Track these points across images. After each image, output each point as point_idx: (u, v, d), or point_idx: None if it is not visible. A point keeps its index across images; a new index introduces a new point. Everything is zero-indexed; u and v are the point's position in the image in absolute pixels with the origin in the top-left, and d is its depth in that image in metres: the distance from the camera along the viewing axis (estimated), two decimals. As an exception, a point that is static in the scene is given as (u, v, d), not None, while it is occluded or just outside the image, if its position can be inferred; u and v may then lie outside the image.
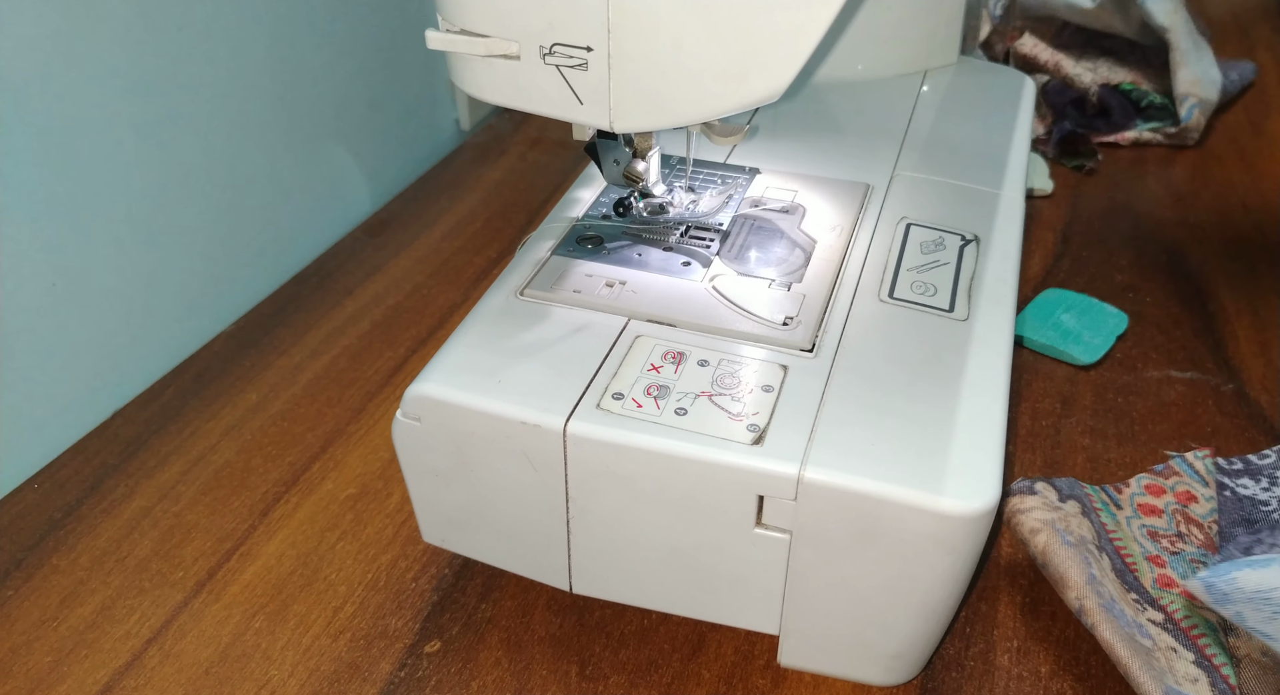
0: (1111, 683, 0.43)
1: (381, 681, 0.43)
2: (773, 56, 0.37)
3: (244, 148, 0.66)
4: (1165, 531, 0.47)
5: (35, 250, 0.53)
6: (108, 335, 0.58)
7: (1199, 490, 0.49)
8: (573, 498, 0.39)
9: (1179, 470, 0.50)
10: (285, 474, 0.54)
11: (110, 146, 0.56)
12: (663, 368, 0.40)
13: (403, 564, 0.48)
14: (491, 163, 0.84)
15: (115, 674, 0.43)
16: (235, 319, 0.66)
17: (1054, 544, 0.43)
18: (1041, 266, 0.69)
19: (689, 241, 0.47)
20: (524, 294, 0.44)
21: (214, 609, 0.46)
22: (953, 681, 0.43)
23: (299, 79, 0.69)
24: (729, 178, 0.52)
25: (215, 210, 0.64)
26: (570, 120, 0.41)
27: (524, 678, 0.43)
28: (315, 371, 0.61)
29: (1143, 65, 0.90)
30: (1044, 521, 0.44)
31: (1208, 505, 0.48)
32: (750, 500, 0.37)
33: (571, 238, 0.48)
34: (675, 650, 0.44)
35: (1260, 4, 1.15)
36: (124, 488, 0.53)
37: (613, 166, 0.48)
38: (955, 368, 0.40)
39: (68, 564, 0.49)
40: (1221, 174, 0.81)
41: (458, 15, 0.39)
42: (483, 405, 0.39)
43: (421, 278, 0.69)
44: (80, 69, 0.53)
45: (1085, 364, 0.59)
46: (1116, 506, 0.48)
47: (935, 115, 0.59)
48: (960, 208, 0.50)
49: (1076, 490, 0.47)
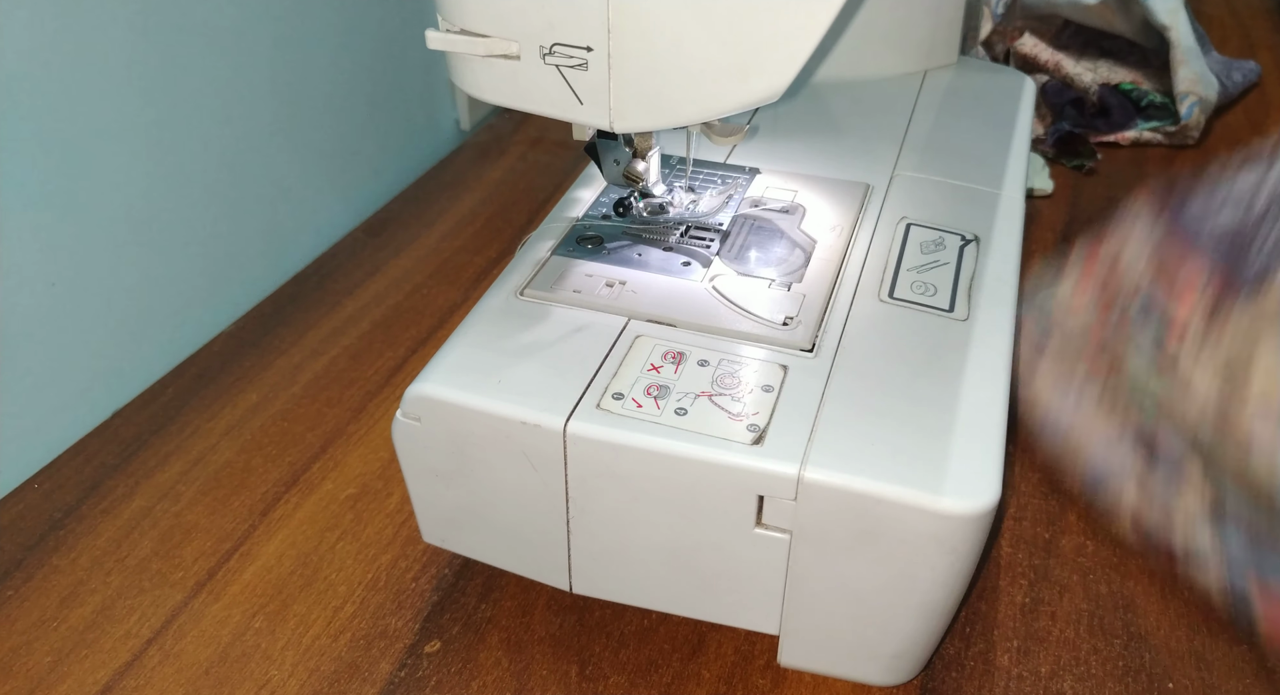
0: (1111, 683, 0.43)
1: (381, 681, 0.43)
2: (773, 56, 0.37)
3: (244, 147, 0.66)
4: None
5: (35, 250, 0.53)
6: (108, 335, 0.58)
7: None
8: (573, 498, 0.39)
9: None
10: (285, 474, 0.54)
11: (110, 146, 0.56)
12: (663, 368, 0.40)
13: (403, 564, 0.48)
14: (491, 163, 0.84)
15: (115, 674, 0.43)
16: (235, 319, 0.66)
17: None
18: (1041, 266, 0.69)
19: (689, 241, 0.47)
20: (524, 294, 0.44)
21: (214, 609, 0.46)
22: (953, 681, 0.43)
23: (299, 79, 0.69)
24: (729, 178, 0.52)
25: (215, 210, 0.64)
26: (570, 120, 0.41)
27: (524, 678, 0.43)
28: (315, 371, 0.61)
29: (1143, 65, 0.90)
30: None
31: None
32: (750, 500, 0.37)
33: (571, 238, 0.48)
34: (675, 650, 0.44)
35: (1260, 4, 1.15)
36: (124, 488, 0.53)
37: (613, 166, 0.48)
38: (955, 368, 0.40)
39: (68, 564, 0.49)
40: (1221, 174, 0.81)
41: (458, 15, 0.39)
42: (483, 405, 0.39)
43: (421, 278, 0.70)
44: (80, 69, 0.53)
45: None
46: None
47: (935, 115, 0.59)
48: (960, 208, 0.50)
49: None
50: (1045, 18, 0.97)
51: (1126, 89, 0.86)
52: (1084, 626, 0.45)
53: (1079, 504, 0.51)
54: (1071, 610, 0.46)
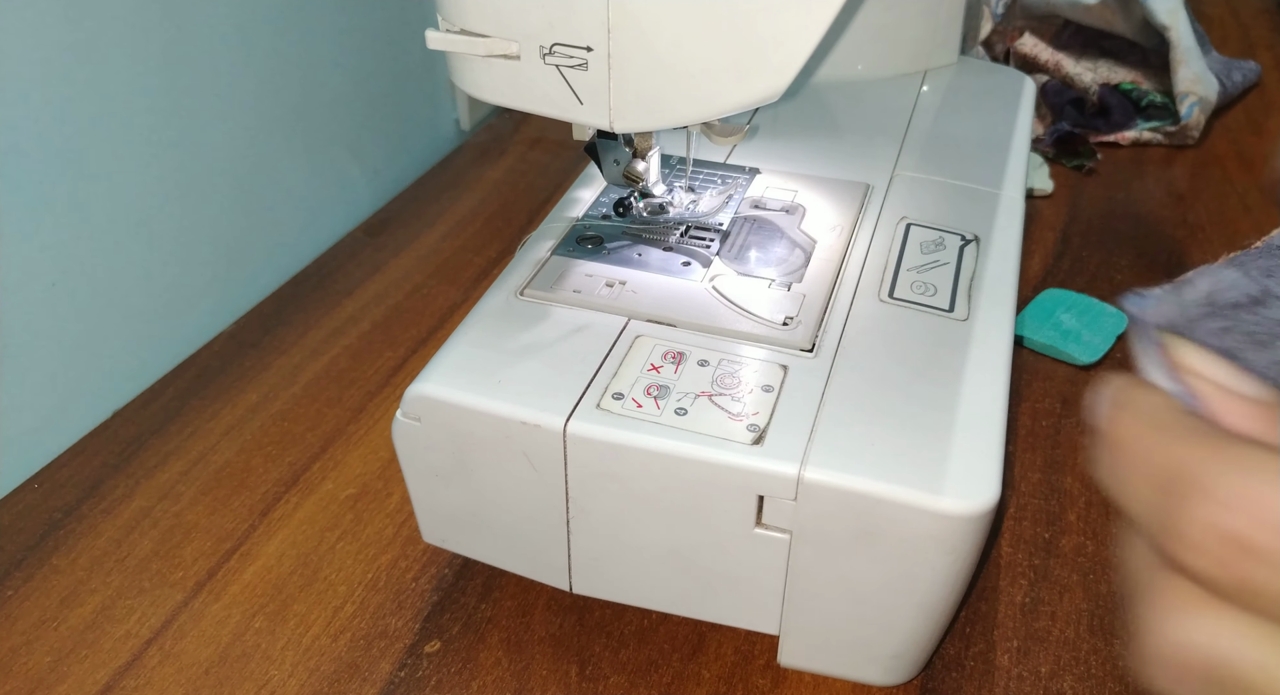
0: (1111, 683, 0.43)
1: (381, 681, 0.43)
2: (773, 56, 0.37)
3: (244, 147, 0.66)
4: None
5: (35, 249, 0.53)
6: (108, 335, 0.58)
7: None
8: (573, 498, 0.39)
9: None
10: (285, 474, 0.54)
11: (111, 147, 0.56)
12: (663, 368, 0.40)
13: (403, 564, 0.48)
14: (491, 163, 0.84)
15: (115, 674, 0.43)
16: (235, 319, 0.66)
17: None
18: (1041, 266, 0.69)
19: (689, 241, 0.47)
20: (524, 294, 0.44)
21: (214, 609, 0.46)
22: (953, 681, 0.43)
23: (299, 79, 0.69)
24: (729, 178, 0.52)
25: (215, 210, 0.64)
26: (570, 120, 0.41)
27: (524, 678, 0.43)
28: (315, 371, 0.61)
29: (1143, 65, 0.90)
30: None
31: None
32: (750, 500, 0.37)
33: (571, 238, 0.48)
34: (675, 650, 0.44)
35: (1260, 4, 1.15)
36: (124, 488, 0.53)
37: (613, 166, 0.48)
38: (955, 368, 0.40)
39: (68, 564, 0.49)
40: (1221, 174, 0.81)
41: (458, 15, 0.39)
42: (483, 405, 0.39)
43: (421, 278, 0.69)
44: (81, 69, 0.53)
45: (1085, 364, 0.59)
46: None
47: (935, 115, 0.59)
48: (960, 208, 0.50)
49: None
50: (1045, 18, 0.97)
51: (1126, 89, 0.86)
52: (1084, 626, 0.45)
53: (1079, 504, 0.51)
54: (1071, 610, 0.46)
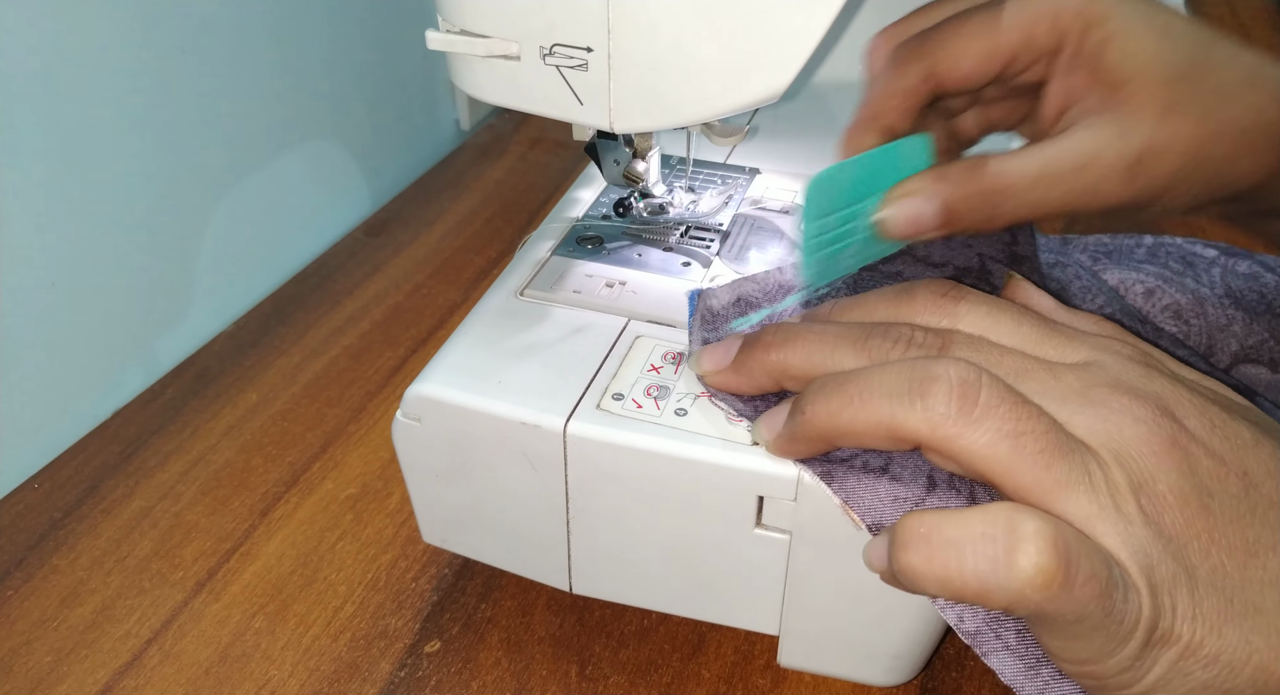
0: (1111, 683, 0.43)
1: (381, 681, 0.43)
2: (773, 57, 0.37)
3: (244, 147, 0.66)
4: None
5: (35, 249, 0.53)
6: (108, 335, 0.58)
7: None
8: (573, 498, 0.39)
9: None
10: (285, 474, 0.54)
11: (110, 146, 0.56)
12: (663, 368, 0.40)
13: (403, 564, 0.48)
14: (491, 163, 0.84)
15: (115, 674, 0.43)
16: (235, 319, 0.66)
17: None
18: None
19: (689, 242, 0.47)
20: (524, 294, 0.44)
21: (214, 609, 0.46)
22: (953, 681, 0.43)
23: (299, 79, 0.69)
24: (729, 178, 0.52)
25: (215, 210, 0.64)
26: (570, 120, 0.41)
27: (524, 678, 0.43)
28: (315, 371, 0.61)
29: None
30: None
31: None
32: (750, 501, 0.37)
33: (571, 238, 0.48)
34: (675, 650, 0.44)
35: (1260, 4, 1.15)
36: (124, 488, 0.53)
37: (613, 166, 0.48)
38: (955, 368, 0.40)
39: (68, 564, 0.49)
40: (1221, 174, 0.81)
41: (458, 15, 0.39)
42: (482, 405, 0.39)
43: (421, 278, 0.70)
44: (80, 68, 0.53)
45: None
46: None
47: (935, 115, 0.59)
48: (960, 208, 0.50)
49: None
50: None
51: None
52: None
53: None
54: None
